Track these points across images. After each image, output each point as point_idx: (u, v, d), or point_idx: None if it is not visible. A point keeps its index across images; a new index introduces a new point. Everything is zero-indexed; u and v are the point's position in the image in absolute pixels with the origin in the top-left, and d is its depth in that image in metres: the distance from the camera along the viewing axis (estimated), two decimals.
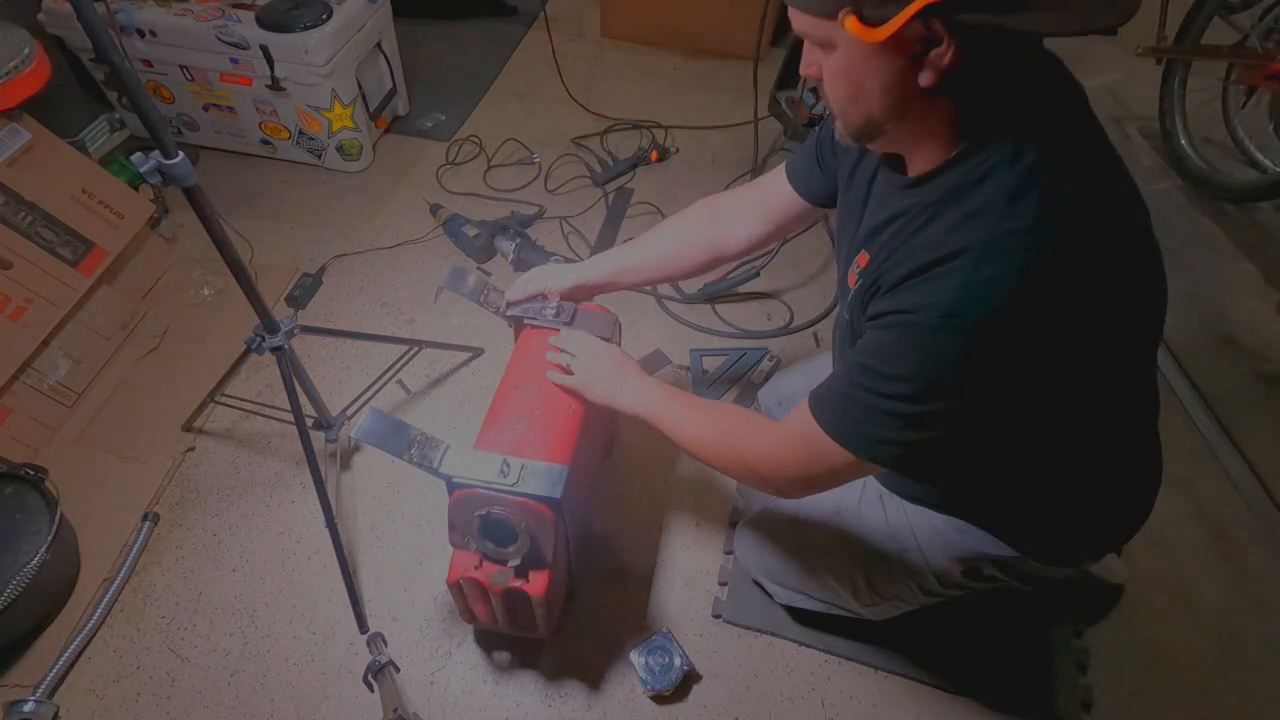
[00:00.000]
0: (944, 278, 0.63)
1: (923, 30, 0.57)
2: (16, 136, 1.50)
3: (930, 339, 0.64)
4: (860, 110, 0.67)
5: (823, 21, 0.62)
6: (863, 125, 0.69)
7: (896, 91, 0.63)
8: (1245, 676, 1.26)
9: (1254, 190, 1.96)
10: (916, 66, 0.61)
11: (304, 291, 1.79)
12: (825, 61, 0.67)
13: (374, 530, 1.41)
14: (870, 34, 0.58)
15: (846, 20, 0.59)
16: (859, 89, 0.65)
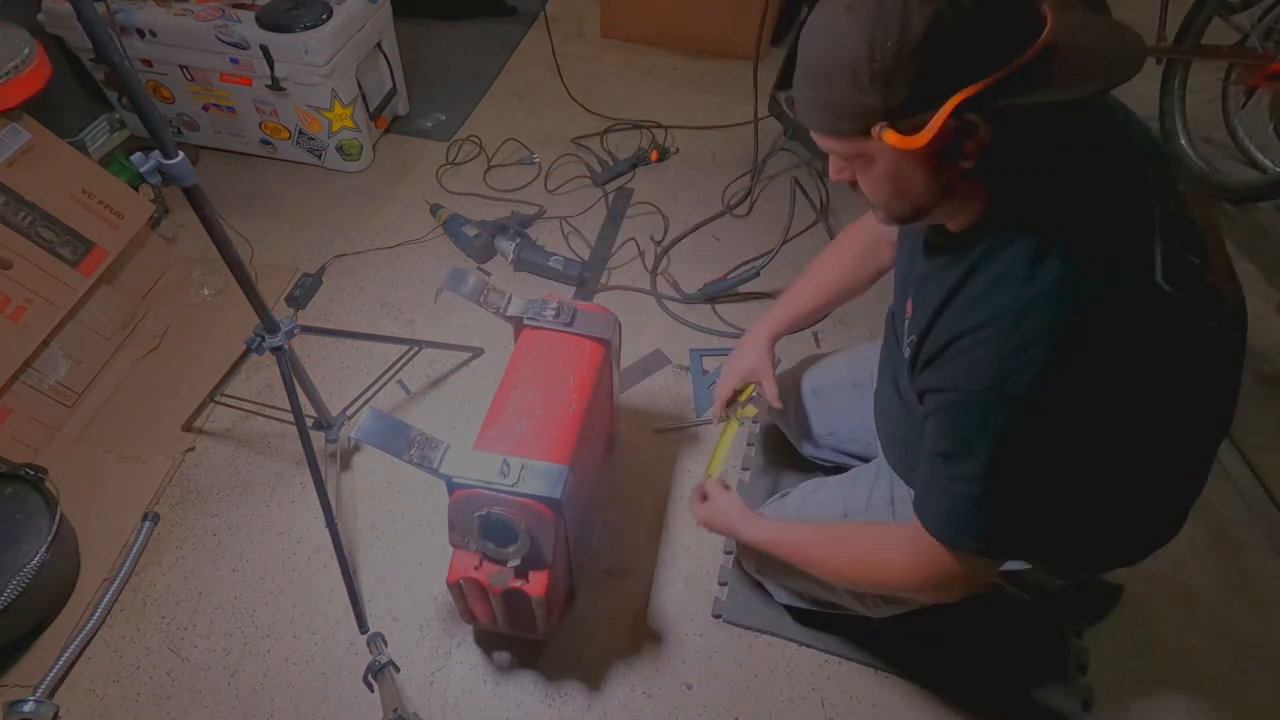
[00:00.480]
0: (980, 348, 0.65)
1: (957, 121, 0.58)
2: (16, 136, 1.50)
3: (984, 413, 0.66)
4: (905, 203, 0.69)
5: (855, 141, 0.63)
6: (909, 214, 0.71)
7: (940, 181, 0.65)
8: (1245, 676, 1.26)
9: (1254, 190, 1.96)
10: (956, 154, 0.62)
11: (304, 291, 1.79)
12: (862, 170, 0.68)
13: (374, 530, 1.41)
14: (911, 142, 0.59)
15: (884, 135, 0.60)
16: (902, 188, 0.67)
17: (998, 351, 0.63)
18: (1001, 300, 0.64)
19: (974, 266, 0.67)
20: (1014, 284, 0.63)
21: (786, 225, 1.87)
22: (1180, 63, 2.15)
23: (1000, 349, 0.63)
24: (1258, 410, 1.62)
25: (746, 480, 1.46)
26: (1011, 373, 0.62)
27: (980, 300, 0.66)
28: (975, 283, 0.67)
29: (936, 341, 0.70)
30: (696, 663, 1.25)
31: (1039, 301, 0.62)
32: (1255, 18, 1.94)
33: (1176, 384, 0.66)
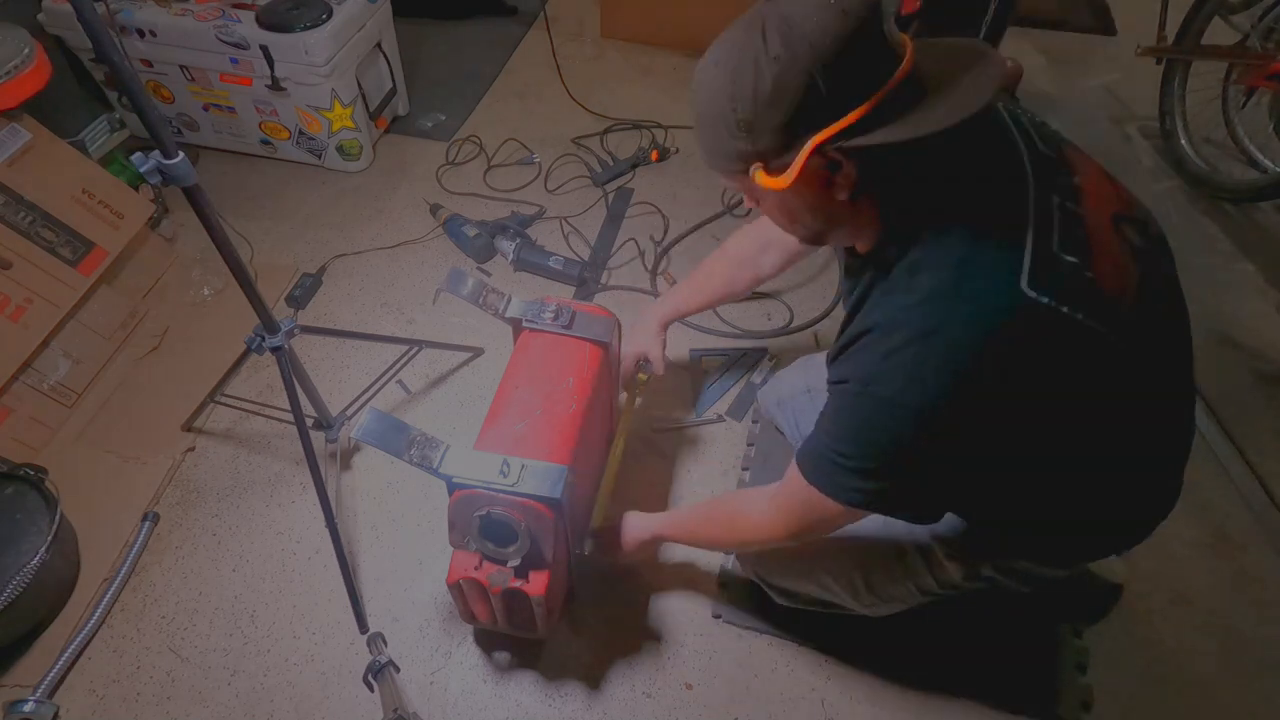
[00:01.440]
0: (861, 351, 0.72)
1: (823, 159, 0.65)
2: (16, 136, 1.50)
3: (855, 405, 0.73)
4: (801, 229, 0.78)
5: (740, 178, 0.71)
6: (810, 237, 0.78)
7: (824, 210, 0.72)
8: (1245, 676, 1.26)
9: (1254, 190, 1.96)
10: (832, 186, 0.68)
11: (304, 291, 1.79)
12: (758, 203, 0.78)
13: (374, 530, 1.41)
14: (779, 182, 0.67)
15: (756, 175, 0.68)
16: (793, 217, 0.76)
17: (871, 356, 0.70)
18: (882, 310, 0.71)
19: (872, 283, 0.75)
20: (893, 296, 0.70)
21: None
22: (1180, 63, 2.15)
23: (873, 354, 0.70)
24: (1258, 410, 1.62)
25: (746, 480, 1.46)
26: (877, 376, 0.69)
27: (870, 311, 0.73)
28: (871, 297, 0.74)
29: (838, 345, 0.79)
30: (696, 663, 1.25)
31: (907, 314, 0.68)
32: (1255, 18, 1.95)
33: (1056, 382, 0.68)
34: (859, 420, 0.73)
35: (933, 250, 0.68)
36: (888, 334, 0.69)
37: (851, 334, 0.75)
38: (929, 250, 0.69)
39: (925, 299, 0.67)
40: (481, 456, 0.99)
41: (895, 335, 0.68)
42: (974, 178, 0.70)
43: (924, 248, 0.69)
